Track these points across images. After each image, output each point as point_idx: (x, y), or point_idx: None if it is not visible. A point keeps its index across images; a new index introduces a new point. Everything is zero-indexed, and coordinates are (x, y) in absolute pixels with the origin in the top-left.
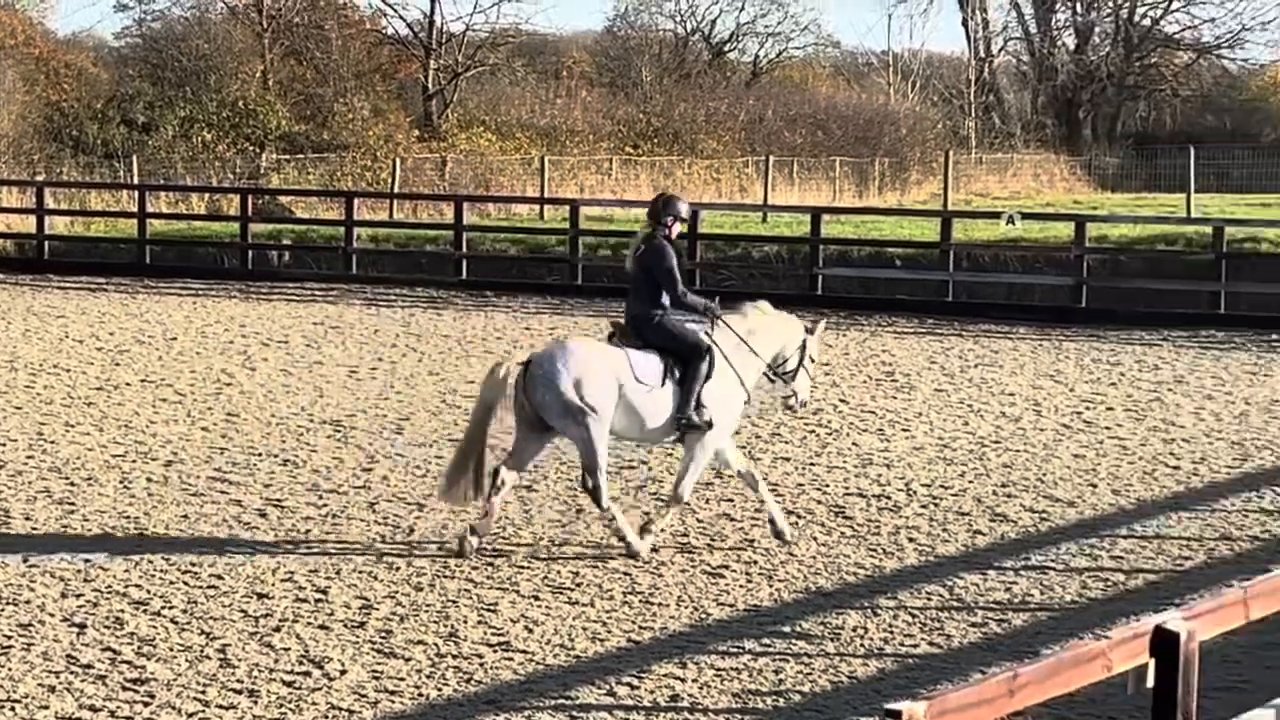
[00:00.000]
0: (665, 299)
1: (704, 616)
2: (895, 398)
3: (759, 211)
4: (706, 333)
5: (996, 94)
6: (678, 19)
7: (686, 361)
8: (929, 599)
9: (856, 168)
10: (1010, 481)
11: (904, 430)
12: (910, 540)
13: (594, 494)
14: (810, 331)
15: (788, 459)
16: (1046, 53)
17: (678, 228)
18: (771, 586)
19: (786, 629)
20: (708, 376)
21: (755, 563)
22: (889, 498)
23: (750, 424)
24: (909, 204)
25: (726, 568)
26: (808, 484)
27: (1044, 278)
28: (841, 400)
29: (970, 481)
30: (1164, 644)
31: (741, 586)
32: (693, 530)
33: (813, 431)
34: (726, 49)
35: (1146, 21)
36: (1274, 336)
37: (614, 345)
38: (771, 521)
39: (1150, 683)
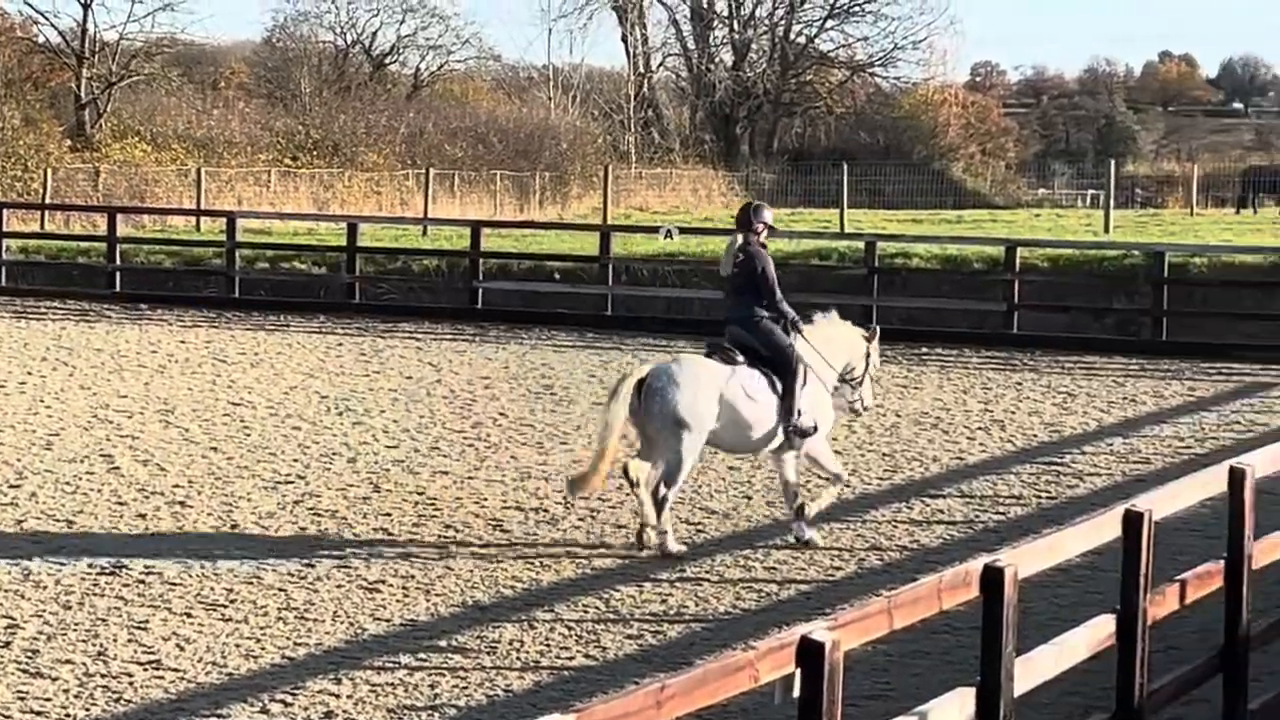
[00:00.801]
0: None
1: (360, 632)
2: (554, 411)
3: (419, 225)
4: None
5: (656, 109)
6: (338, 31)
7: (782, 373)
8: (585, 611)
9: (517, 181)
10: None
11: (563, 444)
12: (568, 553)
13: (660, 504)
14: (869, 339)
15: (446, 472)
16: (705, 69)
17: (765, 233)
18: (428, 601)
19: (443, 643)
20: (803, 384)
21: (412, 577)
22: (547, 511)
23: (410, 437)
24: (569, 218)
25: (383, 582)
26: (466, 498)
27: (701, 292)
28: (501, 414)
29: (627, 494)
30: (809, 654)
31: (398, 601)
32: (349, 545)
33: (471, 445)
34: (387, 61)
35: (802, 39)
36: (924, 350)
37: (719, 362)
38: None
39: (797, 692)
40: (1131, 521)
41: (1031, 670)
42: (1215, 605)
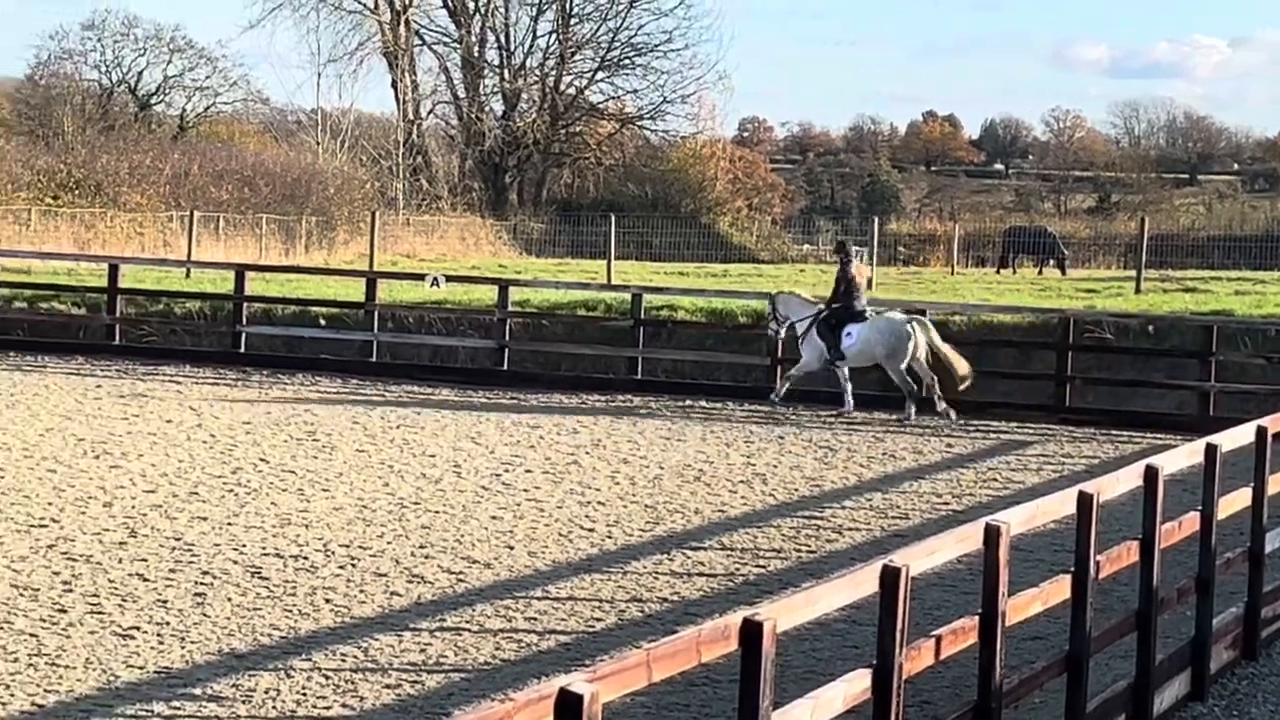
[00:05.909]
0: None
1: (112, 679)
2: (316, 458)
3: (182, 267)
4: None
5: (425, 156)
6: (103, 69)
7: None
8: (343, 660)
9: (283, 225)
10: (429, 543)
11: (324, 490)
12: (327, 601)
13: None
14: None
15: (205, 518)
16: (475, 118)
17: None
18: (184, 648)
19: (198, 691)
20: None
21: (168, 624)
22: (306, 558)
23: (168, 482)
24: (336, 263)
25: (138, 629)
26: (225, 544)
27: (467, 340)
28: (262, 459)
29: (389, 543)
30: (567, 706)
31: (153, 648)
32: (103, 591)
33: (231, 491)
34: (153, 102)
35: (572, 90)
36: (688, 402)
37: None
38: None
39: None
40: (888, 576)
41: None
42: (969, 660)
